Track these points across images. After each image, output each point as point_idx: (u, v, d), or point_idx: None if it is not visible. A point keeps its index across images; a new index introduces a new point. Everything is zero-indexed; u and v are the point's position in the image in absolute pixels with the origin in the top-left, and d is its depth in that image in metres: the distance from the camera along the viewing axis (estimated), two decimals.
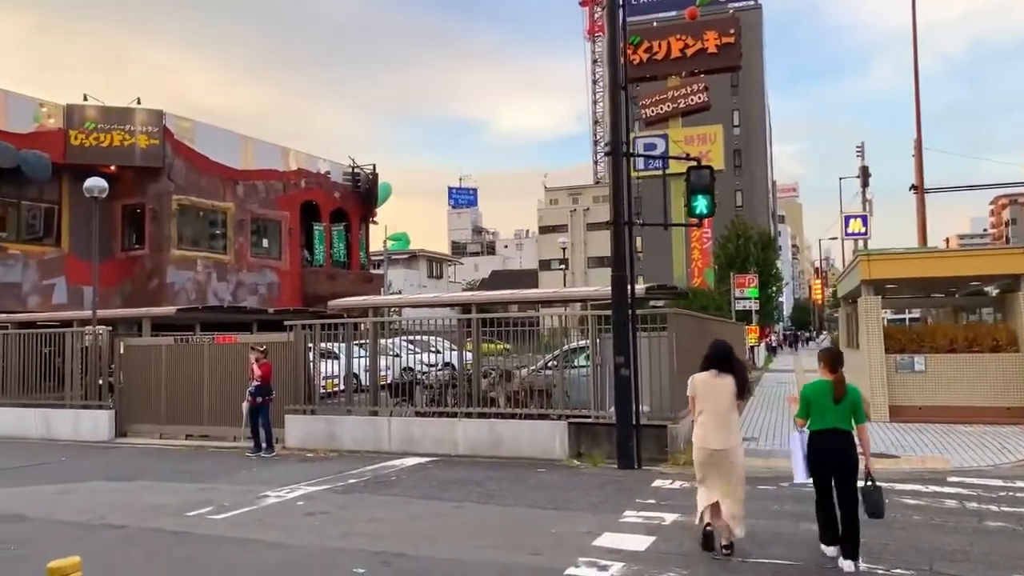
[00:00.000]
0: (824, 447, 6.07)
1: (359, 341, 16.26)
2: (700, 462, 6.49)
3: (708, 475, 6.45)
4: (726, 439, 6.41)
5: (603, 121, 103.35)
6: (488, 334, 13.65)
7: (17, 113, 26.38)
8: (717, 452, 6.39)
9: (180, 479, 10.67)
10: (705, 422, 6.48)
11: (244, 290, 32.02)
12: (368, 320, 14.54)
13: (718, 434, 6.41)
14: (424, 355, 18.28)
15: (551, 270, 68.22)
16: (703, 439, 6.46)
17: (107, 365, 15.61)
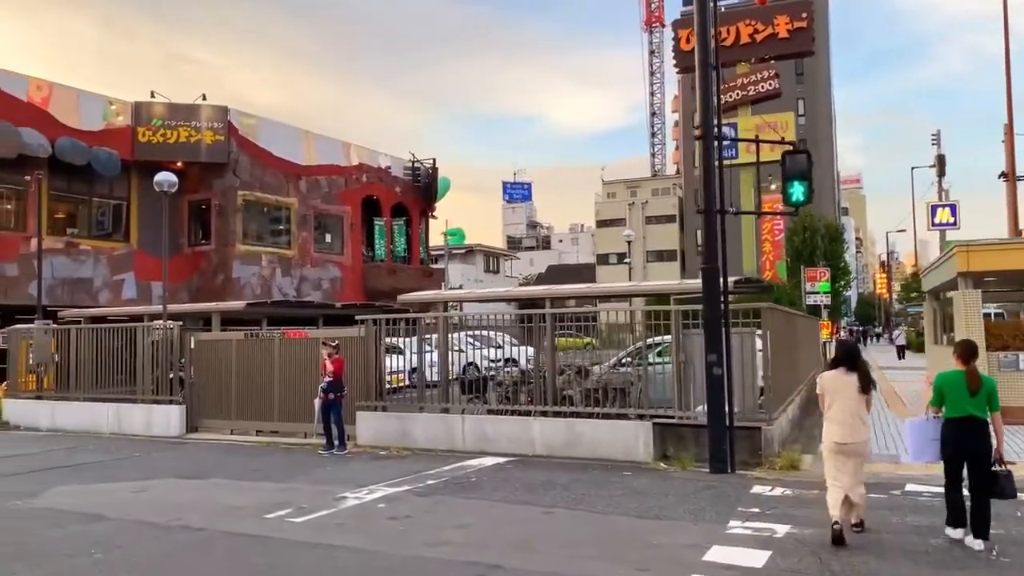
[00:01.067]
0: (961, 435, 6.36)
1: (425, 336, 15.96)
2: (831, 455, 6.77)
3: (838, 469, 6.72)
4: (857, 433, 6.74)
5: (660, 113, 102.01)
6: (561, 329, 13.20)
7: (88, 111, 26.78)
8: (848, 446, 6.71)
9: (254, 477, 10.42)
10: (836, 418, 6.76)
11: (307, 285, 32.11)
12: (440, 315, 14.16)
13: (849, 429, 6.70)
14: (486, 351, 17.92)
15: (609, 264, 67.36)
16: (835, 434, 6.74)
17: (178, 360, 15.55)
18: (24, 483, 10.22)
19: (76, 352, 16.84)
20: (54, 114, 25.71)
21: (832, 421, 6.77)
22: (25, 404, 17.40)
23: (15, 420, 17.28)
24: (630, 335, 14.35)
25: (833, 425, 6.75)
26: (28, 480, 10.48)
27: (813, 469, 10.18)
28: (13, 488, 9.83)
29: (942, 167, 39.47)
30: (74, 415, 16.51)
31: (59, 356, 17.28)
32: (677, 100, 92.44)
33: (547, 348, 12.78)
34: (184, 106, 28.94)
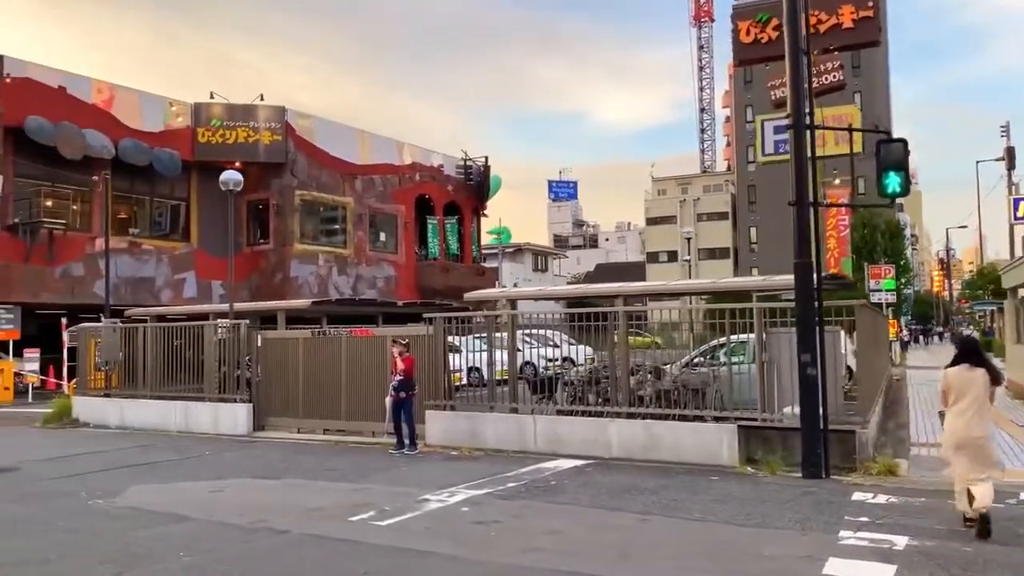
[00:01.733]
0: None
1: (479, 335, 15.73)
2: (958, 452, 6.80)
3: (961, 463, 6.77)
4: (982, 427, 6.81)
5: (710, 109, 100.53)
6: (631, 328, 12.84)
7: (149, 113, 27.20)
8: (974, 439, 6.76)
9: (329, 477, 10.26)
10: (962, 412, 6.82)
11: (363, 283, 32.21)
12: (508, 312, 13.87)
13: (975, 423, 6.77)
14: (543, 349, 17.60)
15: (659, 263, 66.53)
16: (961, 429, 6.79)
17: (244, 358, 15.53)
18: (104, 481, 10.20)
19: (144, 350, 16.95)
20: (117, 116, 26.17)
21: (958, 417, 6.83)
22: (94, 402, 17.57)
23: (85, 417, 17.47)
24: (691, 333, 13.97)
25: (959, 420, 6.82)
26: (107, 478, 10.46)
27: (911, 475, 9.68)
28: (94, 486, 9.81)
29: (1012, 160, 38.01)
30: (142, 413, 16.62)
31: (125, 354, 17.41)
32: (728, 95, 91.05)
33: (620, 347, 12.42)
34: (242, 107, 29.22)
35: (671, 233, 67.08)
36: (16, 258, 23.11)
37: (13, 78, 23.58)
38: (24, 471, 11.12)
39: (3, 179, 23.45)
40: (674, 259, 66.58)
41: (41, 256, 23.53)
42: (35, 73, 24.29)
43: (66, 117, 24.50)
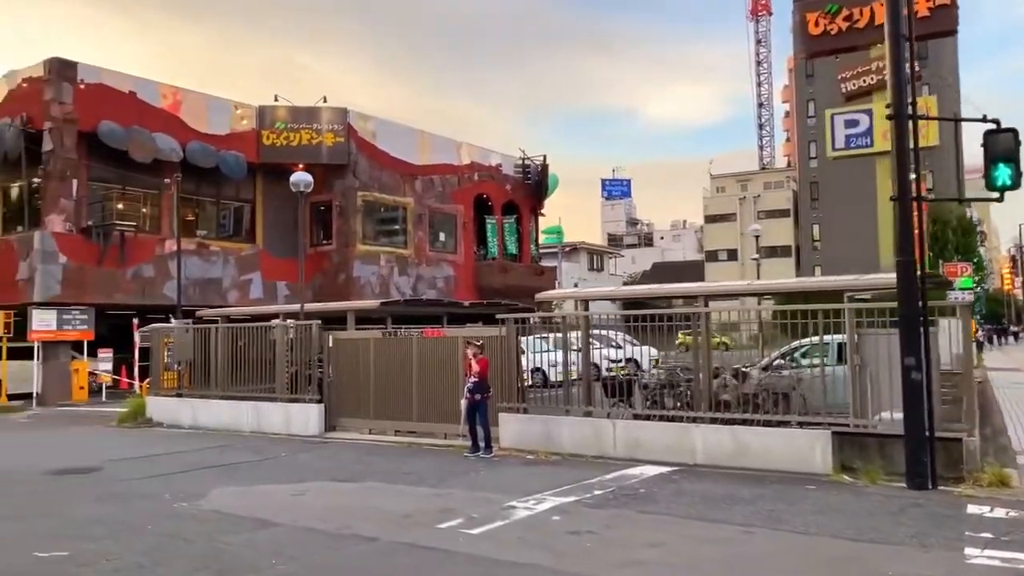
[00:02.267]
0: None
1: (541, 335, 15.45)
2: None
3: None
4: None
5: (768, 104, 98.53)
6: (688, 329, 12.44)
7: (215, 116, 27.56)
8: None
9: (408, 481, 10.08)
10: None
11: (423, 283, 32.21)
12: (581, 314, 13.56)
13: None
14: (606, 350, 17.22)
15: (718, 261, 65.36)
16: None
17: (315, 358, 15.52)
18: (186, 482, 10.20)
19: (215, 351, 17.08)
20: (184, 119, 26.56)
21: None
22: (167, 402, 17.79)
23: (158, 417, 17.70)
24: (760, 335, 13.47)
25: None
26: (189, 479, 10.47)
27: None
28: (177, 487, 9.80)
29: None
30: (215, 413, 16.75)
31: (196, 354, 17.57)
32: (788, 90, 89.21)
33: (702, 349, 12.00)
34: (305, 109, 29.45)
35: (730, 231, 65.90)
36: (90, 260, 23.62)
37: (87, 84, 24.11)
38: (107, 471, 11.21)
39: (77, 183, 23.99)
40: (734, 258, 65.42)
41: (113, 258, 24.01)
42: (107, 79, 24.80)
43: (136, 121, 24.96)
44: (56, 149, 23.39)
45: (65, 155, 23.54)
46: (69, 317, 23.09)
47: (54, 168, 23.42)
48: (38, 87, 23.81)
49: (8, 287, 23.62)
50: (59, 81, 23.57)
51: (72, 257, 23.28)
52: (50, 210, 23.41)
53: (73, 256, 23.30)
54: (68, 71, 23.86)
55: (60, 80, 23.60)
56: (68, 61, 24.01)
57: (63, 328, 23.00)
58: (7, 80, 25.61)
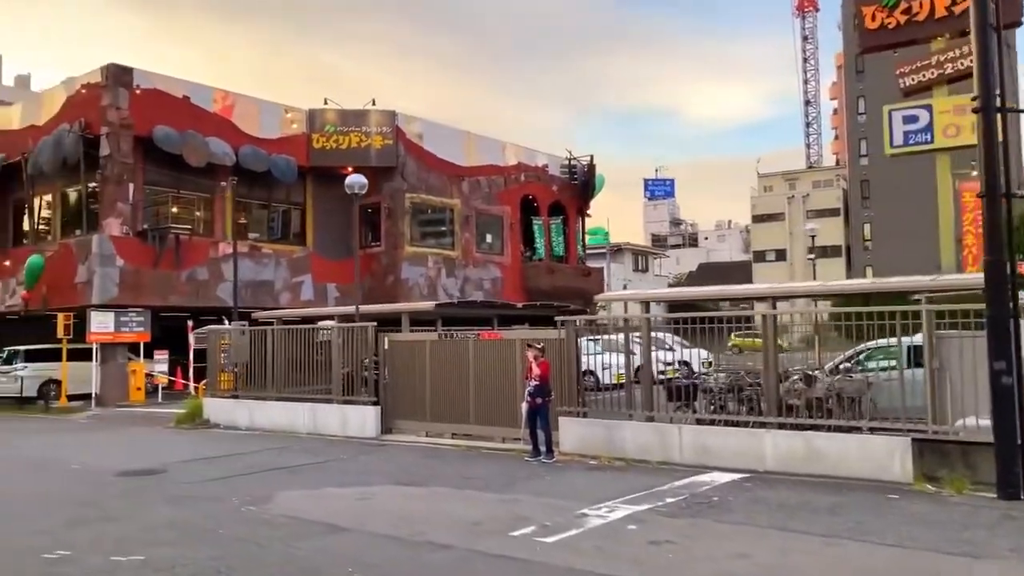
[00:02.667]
0: None
1: (592, 337, 15.18)
2: None
3: None
4: None
5: (815, 101, 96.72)
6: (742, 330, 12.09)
7: (267, 120, 27.83)
8: None
9: (473, 486, 9.94)
10: None
11: (470, 285, 32.15)
12: (643, 316, 13.29)
13: None
14: (659, 353, 16.91)
15: (766, 262, 64.30)
16: None
17: (370, 360, 15.48)
18: (250, 485, 10.19)
19: (271, 352, 17.16)
20: (237, 123, 26.85)
21: None
22: (224, 403, 17.92)
23: (215, 418, 17.85)
24: (816, 336, 13.09)
25: None
26: (253, 482, 10.46)
27: None
28: (242, 490, 9.79)
29: None
30: (271, 415, 16.83)
31: (252, 356, 17.67)
32: (836, 87, 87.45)
33: (769, 352, 11.66)
34: (354, 112, 29.60)
35: (779, 231, 64.81)
36: (146, 263, 23.98)
37: (143, 89, 24.50)
38: (172, 473, 11.27)
39: (133, 187, 24.38)
40: (782, 258, 64.33)
41: (169, 261, 24.35)
42: (161, 84, 25.18)
43: (190, 126, 25.29)
44: (113, 153, 23.80)
45: (122, 159, 23.95)
46: (126, 319, 23.48)
47: (111, 172, 23.84)
48: (96, 93, 24.26)
49: (67, 290, 24.10)
50: (116, 87, 23.99)
51: (129, 260, 23.66)
52: (108, 214, 23.83)
53: (130, 259, 23.68)
54: (124, 77, 24.27)
55: (117, 86, 24.02)
56: (124, 67, 24.43)
57: (120, 330, 23.40)
58: (65, 87, 26.19)
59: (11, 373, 24.35)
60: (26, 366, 24.36)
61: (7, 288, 26.69)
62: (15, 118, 27.89)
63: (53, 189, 26.75)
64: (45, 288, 24.69)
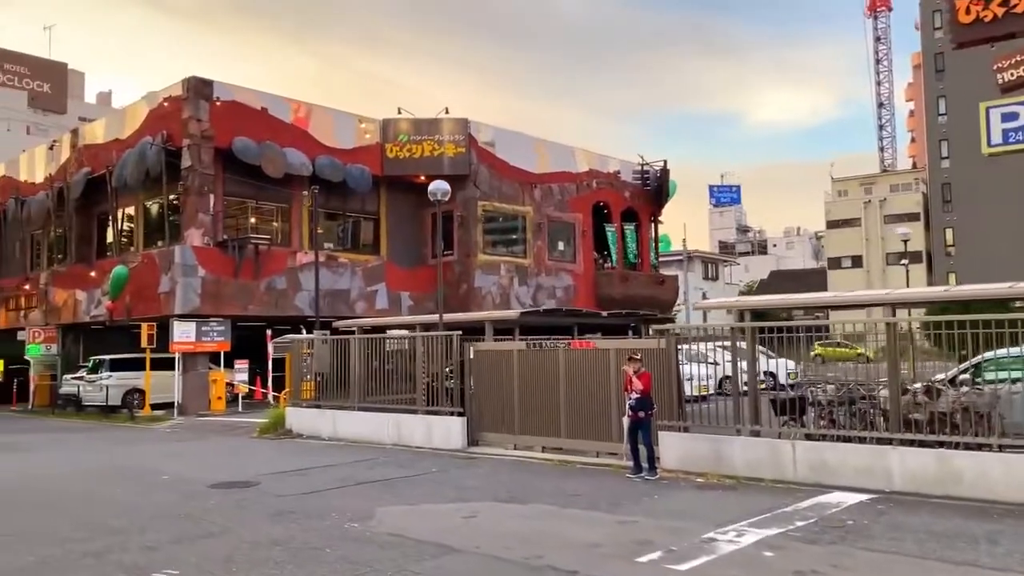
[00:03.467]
0: None
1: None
2: None
3: None
4: None
5: (889, 103, 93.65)
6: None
7: (341, 130, 27.89)
8: None
9: (579, 504, 9.41)
10: None
11: (543, 293, 31.66)
12: (748, 325, 12.57)
13: None
14: (743, 364, 16.15)
15: (842, 268, 62.25)
16: None
17: (457, 370, 15.11)
18: (346, 499, 9.87)
19: (353, 361, 16.95)
20: (313, 134, 26.96)
21: None
22: (306, 413, 17.78)
23: (297, 428, 17.72)
24: (911, 346, 12.23)
25: None
26: (349, 496, 10.14)
27: None
28: (340, 504, 9.47)
29: None
30: (354, 425, 16.60)
31: (334, 365, 17.51)
32: (912, 87, 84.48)
33: (890, 363, 10.87)
34: (427, 121, 29.49)
35: (854, 237, 62.68)
36: (226, 273, 24.17)
37: (223, 101, 24.77)
38: (264, 486, 11.04)
39: (214, 197, 24.65)
40: (858, 264, 62.19)
41: (248, 271, 24.50)
42: (240, 96, 25.43)
43: (268, 137, 25.48)
44: (195, 165, 24.09)
45: (203, 171, 24.22)
46: (207, 329, 23.68)
47: (193, 184, 24.13)
48: (177, 106, 24.62)
49: (150, 300, 24.44)
50: (196, 99, 24.31)
51: (210, 270, 23.87)
52: (189, 224, 24.12)
53: (211, 269, 23.89)
54: (205, 89, 24.58)
55: (197, 98, 24.33)
56: (205, 80, 24.75)
57: (201, 340, 23.60)
58: (148, 101, 26.69)
59: (97, 382, 24.84)
60: (111, 375, 24.82)
61: (92, 298, 27.26)
62: (100, 133, 28.58)
63: (135, 201, 27.27)
64: (128, 298, 25.10)
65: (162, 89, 25.75)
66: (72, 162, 29.36)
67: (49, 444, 17.53)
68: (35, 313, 30.21)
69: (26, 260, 33.20)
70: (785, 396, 12.35)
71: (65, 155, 29.98)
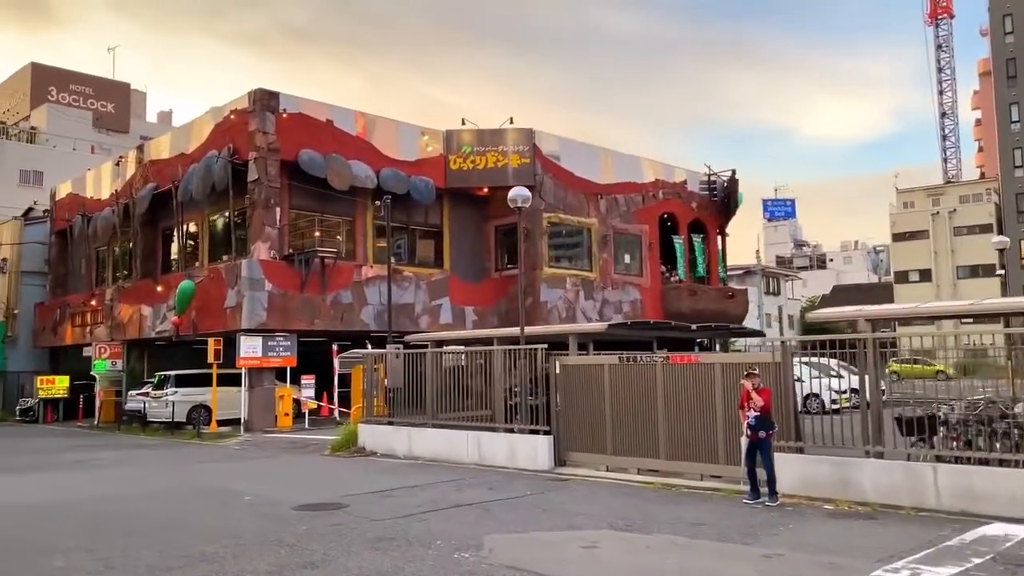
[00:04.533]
0: None
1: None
2: None
3: None
4: None
5: (952, 112, 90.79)
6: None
7: (405, 142, 27.45)
8: None
9: (704, 534, 8.48)
10: None
11: (609, 308, 30.70)
12: (869, 336, 11.52)
13: None
14: (826, 380, 15.12)
15: (909, 283, 59.98)
16: None
17: (542, 386, 14.27)
18: (448, 525, 9.08)
19: (428, 377, 16.24)
20: (376, 146, 26.56)
21: None
22: (379, 429, 17.10)
23: (371, 446, 17.05)
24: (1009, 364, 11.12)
25: None
26: (448, 521, 9.35)
27: None
28: (442, 531, 8.69)
29: None
30: (431, 443, 15.87)
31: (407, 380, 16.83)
32: (979, 96, 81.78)
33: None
34: (491, 131, 28.91)
35: (922, 249, 60.38)
36: (292, 287, 23.77)
37: (289, 114, 24.50)
38: (353, 508, 10.32)
39: (280, 211, 24.32)
40: (927, 278, 59.87)
41: (314, 285, 24.08)
42: (306, 108, 25.15)
43: (334, 149, 25.14)
44: (261, 178, 23.80)
45: (270, 183, 23.92)
46: (273, 344, 23.28)
47: (259, 197, 23.83)
48: (243, 119, 24.41)
49: (216, 314, 24.13)
50: (262, 112, 24.06)
51: (277, 284, 23.49)
52: (256, 238, 23.80)
53: (278, 283, 23.51)
54: (271, 101, 24.34)
55: (263, 111, 24.08)
56: (271, 92, 24.51)
57: (268, 355, 23.20)
58: (213, 115, 26.60)
59: (162, 398, 24.58)
60: (176, 391, 24.54)
61: (157, 314, 27.12)
62: (165, 148, 28.60)
63: (200, 216, 27.15)
64: (194, 313, 24.84)
65: (228, 102, 25.60)
66: (138, 177, 29.44)
67: (120, 461, 17.15)
68: (101, 329, 30.24)
69: (92, 276, 33.40)
70: (909, 415, 11.33)
71: (131, 171, 30.09)
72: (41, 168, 44.25)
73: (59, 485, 13.46)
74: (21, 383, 33.65)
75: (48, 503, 11.47)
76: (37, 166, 44.38)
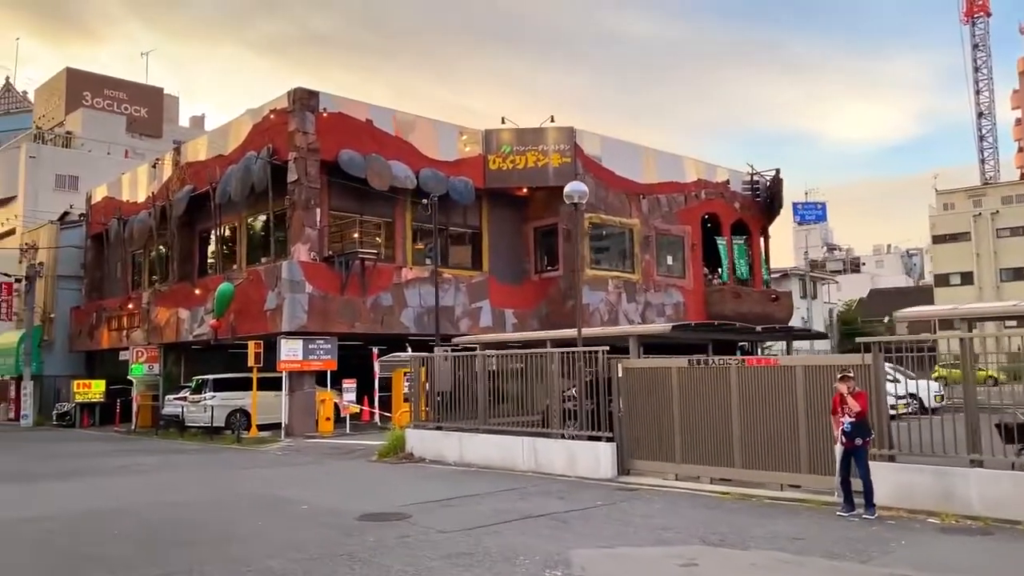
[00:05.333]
0: None
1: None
2: None
3: None
4: None
5: (989, 113, 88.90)
6: None
7: (443, 142, 26.93)
8: None
9: (812, 551, 7.76)
10: None
11: (652, 311, 29.96)
12: (964, 335, 10.73)
13: None
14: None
15: (950, 286, 58.47)
16: None
17: (600, 391, 13.59)
18: (524, 538, 8.43)
19: (479, 380, 15.64)
20: (416, 145, 26.05)
21: None
22: (428, 435, 16.52)
23: (419, 452, 16.46)
24: None
25: None
26: (522, 534, 8.70)
27: None
28: (521, 545, 8.04)
29: None
30: (483, 449, 15.24)
31: (455, 384, 16.25)
32: (1019, 95, 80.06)
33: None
34: (531, 130, 28.31)
35: (964, 252, 58.89)
36: (333, 289, 23.28)
37: (329, 113, 24.07)
38: (416, 520, 9.70)
39: (320, 212, 23.87)
40: (968, 281, 58.36)
41: (355, 287, 23.58)
42: (345, 108, 24.71)
43: (373, 149, 24.67)
44: (301, 178, 23.37)
45: (310, 184, 23.48)
46: (314, 347, 22.80)
47: (299, 198, 23.39)
48: (283, 118, 24.00)
49: (255, 317, 23.70)
50: (302, 111, 23.63)
51: (317, 286, 23.02)
52: (296, 239, 23.36)
53: (318, 285, 23.04)
54: (310, 101, 23.91)
55: (303, 110, 23.66)
56: (311, 91, 24.08)
57: (308, 358, 22.73)
58: (251, 115, 26.21)
59: (200, 403, 24.19)
60: (215, 395, 24.14)
61: (195, 317, 26.77)
62: (202, 149, 28.30)
63: (238, 217, 26.78)
64: (233, 316, 24.44)
65: (266, 102, 25.22)
66: (174, 180, 29.16)
67: (162, 467, 16.70)
68: (137, 332, 29.99)
69: (128, 280, 33.22)
70: (1008, 421, 10.55)
71: (167, 173, 29.84)
72: (76, 172, 44.30)
73: (106, 492, 12.99)
74: (57, 387, 33.50)
75: (99, 511, 10.97)
76: (72, 171, 44.44)
